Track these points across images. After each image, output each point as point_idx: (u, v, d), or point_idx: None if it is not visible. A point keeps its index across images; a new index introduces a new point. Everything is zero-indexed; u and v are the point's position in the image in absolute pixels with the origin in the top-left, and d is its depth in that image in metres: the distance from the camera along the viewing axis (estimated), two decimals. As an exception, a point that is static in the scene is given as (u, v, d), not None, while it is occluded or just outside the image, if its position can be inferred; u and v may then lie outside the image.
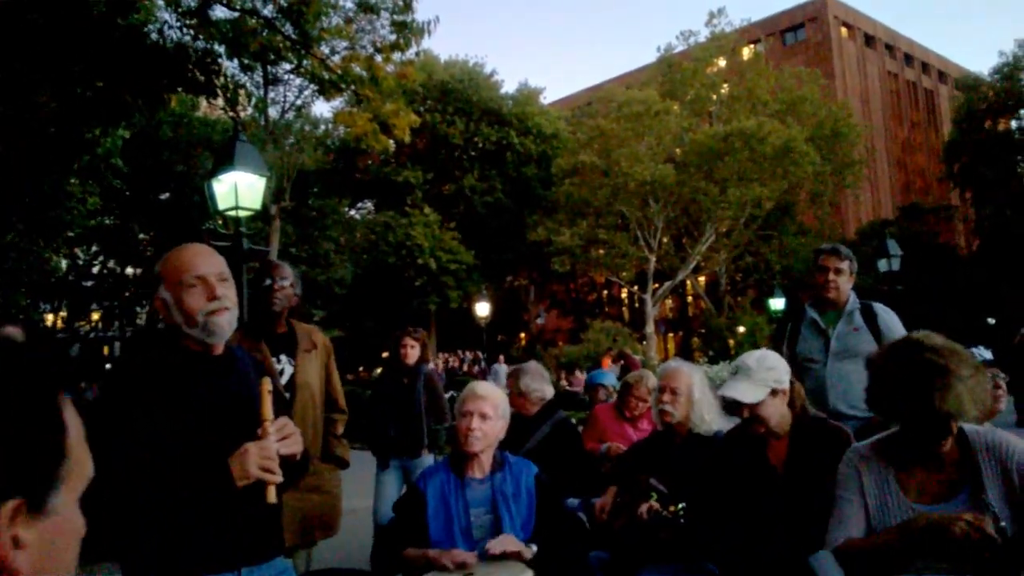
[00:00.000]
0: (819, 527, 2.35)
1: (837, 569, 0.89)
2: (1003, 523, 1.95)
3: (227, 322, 2.04)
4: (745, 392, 2.86)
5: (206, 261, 2.07)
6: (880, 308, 4.09)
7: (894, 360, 2.17)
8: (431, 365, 6.91)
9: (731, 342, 32.17)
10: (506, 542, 2.75)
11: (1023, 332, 12.13)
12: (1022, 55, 38.66)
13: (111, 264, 29.11)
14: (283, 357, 3.50)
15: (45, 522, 0.73)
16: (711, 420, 3.38)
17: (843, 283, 4.11)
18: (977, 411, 2.11)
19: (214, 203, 8.21)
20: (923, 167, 59.44)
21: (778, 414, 2.90)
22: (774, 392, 2.86)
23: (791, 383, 2.96)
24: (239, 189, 8.03)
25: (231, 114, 23.73)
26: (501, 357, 23.06)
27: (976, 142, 39.07)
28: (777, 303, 28.49)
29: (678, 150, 32.33)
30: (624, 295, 46.40)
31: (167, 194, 25.73)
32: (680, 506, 3.04)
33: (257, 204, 8.42)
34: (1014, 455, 2.10)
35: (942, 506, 2.12)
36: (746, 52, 37.94)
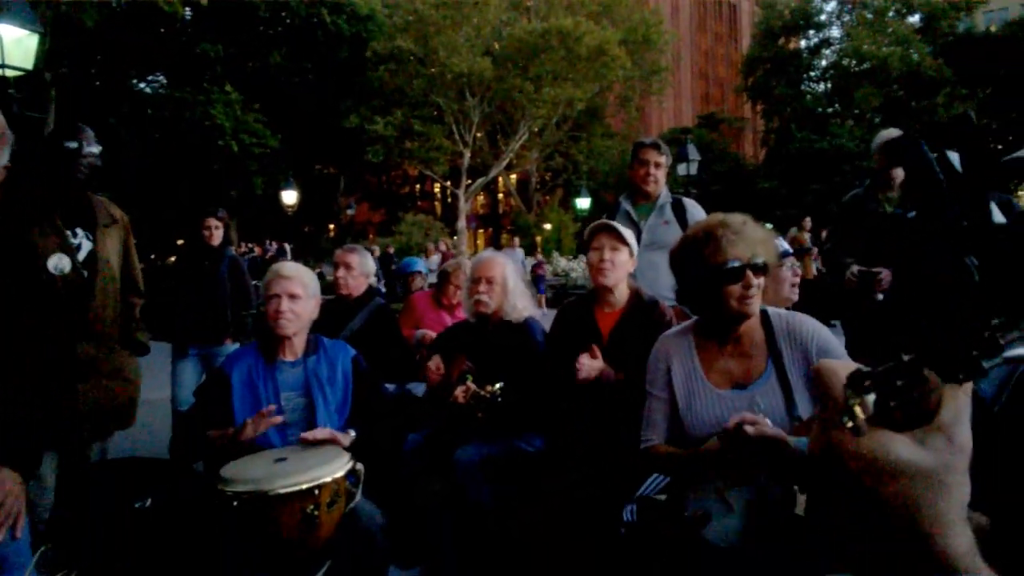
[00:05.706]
0: (635, 399, 2.42)
1: None
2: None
3: None
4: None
5: None
6: (689, 203, 4.26)
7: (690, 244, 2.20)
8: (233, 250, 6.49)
9: (539, 239, 33.16)
10: (321, 433, 2.63)
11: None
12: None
13: None
14: (79, 231, 3.08)
15: None
16: (523, 308, 3.42)
17: (661, 177, 4.23)
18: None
19: (-27, 58, 7.30)
20: (723, 79, 63.02)
21: (623, 270, 3.07)
22: (629, 249, 3.07)
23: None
24: (5, 44, 7.29)
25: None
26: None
27: (770, 58, 41.75)
28: (583, 202, 29.51)
29: (496, 44, 31.91)
30: (437, 190, 46.22)
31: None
32: (498, 386, 3.05)
33: (28, 64, 7.61)
34: (814, 338, 2.13)
35: (748, 390, 2.15)
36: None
